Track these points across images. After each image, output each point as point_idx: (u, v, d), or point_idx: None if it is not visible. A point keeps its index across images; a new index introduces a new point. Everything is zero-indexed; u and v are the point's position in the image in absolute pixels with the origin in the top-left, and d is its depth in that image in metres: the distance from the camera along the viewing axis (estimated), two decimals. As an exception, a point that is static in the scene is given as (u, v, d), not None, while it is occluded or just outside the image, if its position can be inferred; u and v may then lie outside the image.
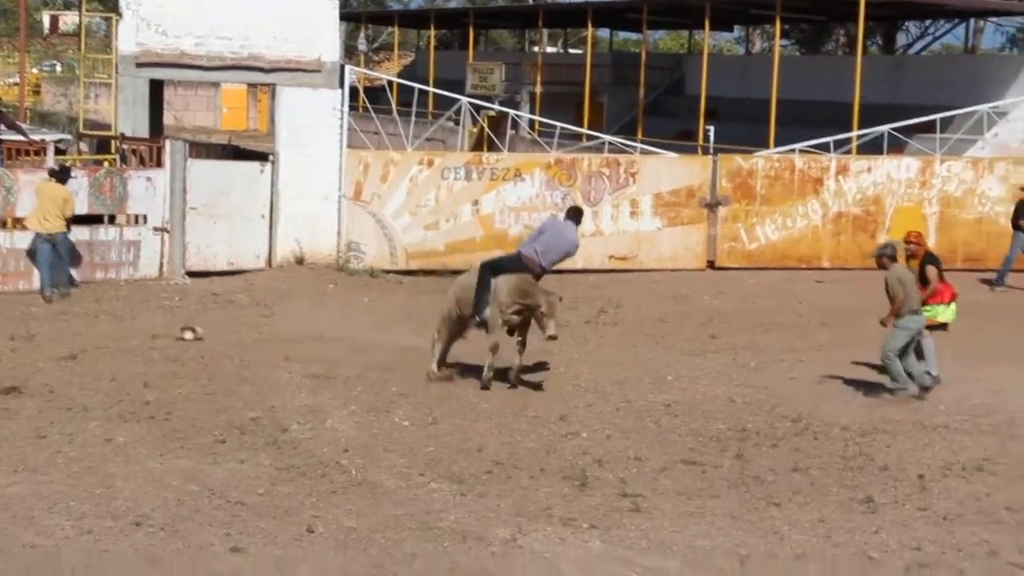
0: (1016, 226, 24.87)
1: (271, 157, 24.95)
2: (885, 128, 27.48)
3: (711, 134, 35.83)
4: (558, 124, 27.72)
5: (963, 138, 31.69)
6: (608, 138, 28.09)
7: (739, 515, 11.86)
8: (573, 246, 16.88)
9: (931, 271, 16.99)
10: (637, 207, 26.13)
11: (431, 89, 30.84)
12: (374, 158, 25.22)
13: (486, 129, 29.32)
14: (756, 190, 26.73)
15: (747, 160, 27.09)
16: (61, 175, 21.54)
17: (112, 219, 23.17)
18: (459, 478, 12.72)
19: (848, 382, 16.99)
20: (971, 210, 27.33)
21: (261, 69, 25.17)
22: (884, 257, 16.36)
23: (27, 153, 23.84)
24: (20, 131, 25.16)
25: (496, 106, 31.20)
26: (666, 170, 26.58)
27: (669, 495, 12.39)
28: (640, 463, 13.37)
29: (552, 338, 16.11)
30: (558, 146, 27.07)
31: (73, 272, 21.82)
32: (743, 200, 26.69)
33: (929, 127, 28.65)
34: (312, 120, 24.70)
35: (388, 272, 24.73)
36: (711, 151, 30.97)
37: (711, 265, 26.56)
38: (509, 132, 27.67)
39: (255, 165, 25.08)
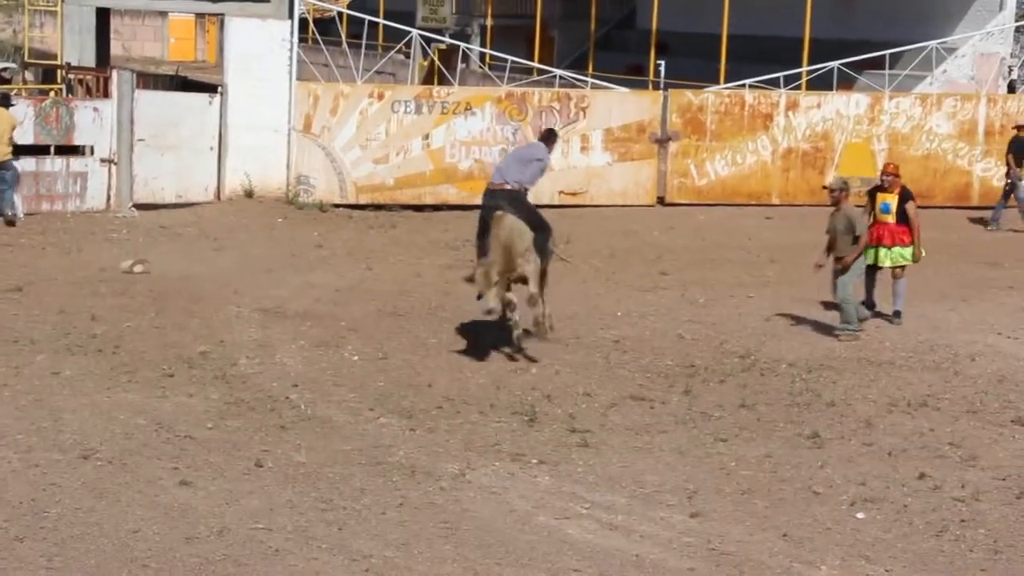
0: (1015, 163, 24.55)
1: (220, 89, 24.70)
2: (835, 64, 27.50)
3: (662, 69, 35.70)
4: (509, 58, 27.58)
5: (912, 74, 31.74)
6: (559, 72, 27.98)
7: (687, 451, 11.93)
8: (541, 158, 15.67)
9: (911, 207, 16.81)
10: (587, 142, 26.06)
11: (381, 21, 30.59)
12: (324, 91, 25.01)
13: (436, 62, 29.17)
14: (706, 126, 26.71)
15: (697, 95, 27.04)
16: (3, 100, 21.34)
17: (59, 150, 22.89)
18: (409, 413, 12.73)
19: (796, 319, 17.08)
20: (919, 147, 27.43)
21: (209, -1, 24.90)
22: (842, 193, 16.32)
23: (-28, 82, 23.54)
24: (-37, 59, 24.84)
25: (447, 39, 30.97)
26: (617, 105, 26.50)
27: (618, 431, 12.44)
28: (589, 399, 13.42)
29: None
30: (509, 80, 26.95)
31: (17, 201, 21.59)
32: (693, 136, 26.66)
33: (878, 63, 28.66)
34: (261, 51, 24.43)
35: (338, 206, 24.60)
36: (662, 86, 30.85)
37: (661, 201, 26.56)
38: (460, 66, 27.54)
39: (204, 97, 24.82)
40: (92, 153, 22.95)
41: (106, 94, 23.21)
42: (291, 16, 24.67)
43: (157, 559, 9.19)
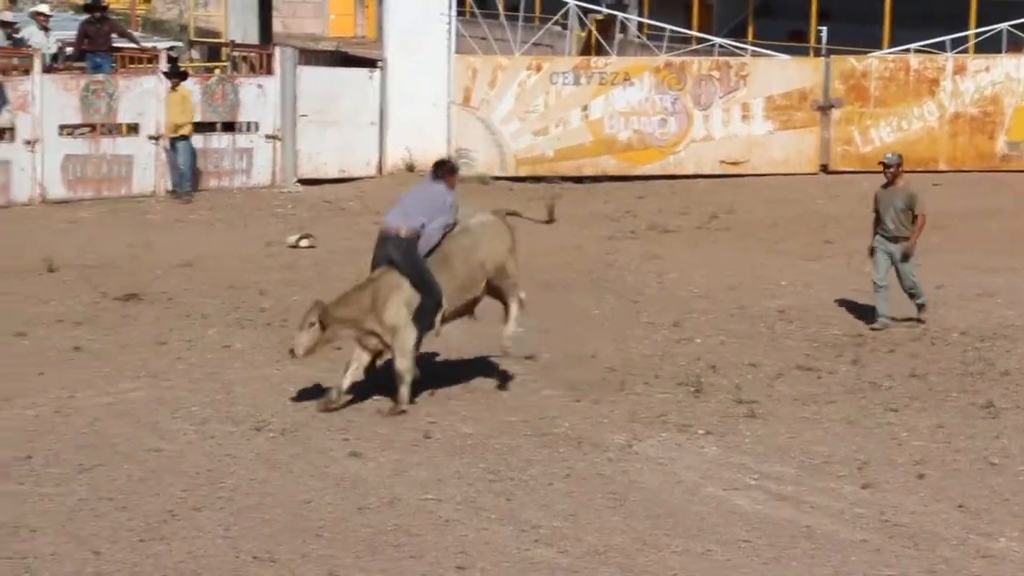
0: None
1: (379, 64, 24.88)
2: (1004, 26, 26.80)
3: (823, 35, 35.12)
4: (667, 27, 27.37)
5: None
6: (718, 40, 27.67)
7: (856, 421, 11.77)
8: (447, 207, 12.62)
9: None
10: (748, 111, 25.73)
11: (539, -8, 30.60)
12: (482, 63, 25.06)
13: (594, 33, 29.05)
14: (870, 92, 26.21)
15: (860, 61, 26.56)
16: (178, 75, 21.89)
17: (227, 127, 23.27)
18: (573, 385, 12.74)
19: (965, 286, 16.71)
20: (1092, 110, 26.63)
21: (369, -25, 25.08)
22: (899, 168, 15.23)
23: (139, 61, 23.97)
24: (131, 38, 25.28)
25: (604, 9, 30.80)
26: (778, 73, 26.13)
27: (785, 401, 12.32)
28: (755, 369, 13.30)
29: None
30: (667, 49, 26.73)
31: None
32: (857, 102, 26.18)
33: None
34: (420, 26, 24.53)
35: (498, 178, 24.65)
36: (823, 53, 30.35)
37: (824, 169, 26.15)
38: (618, 36, 27.36)
39: (364, 72, 25.02)
40: (257, 129, 23.30)
41: (269, 71, 23.51)
42: (450, -10, 24.73)
43: (330, 528, 9.33)
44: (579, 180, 24.76)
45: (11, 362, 12.86)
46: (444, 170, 12.92)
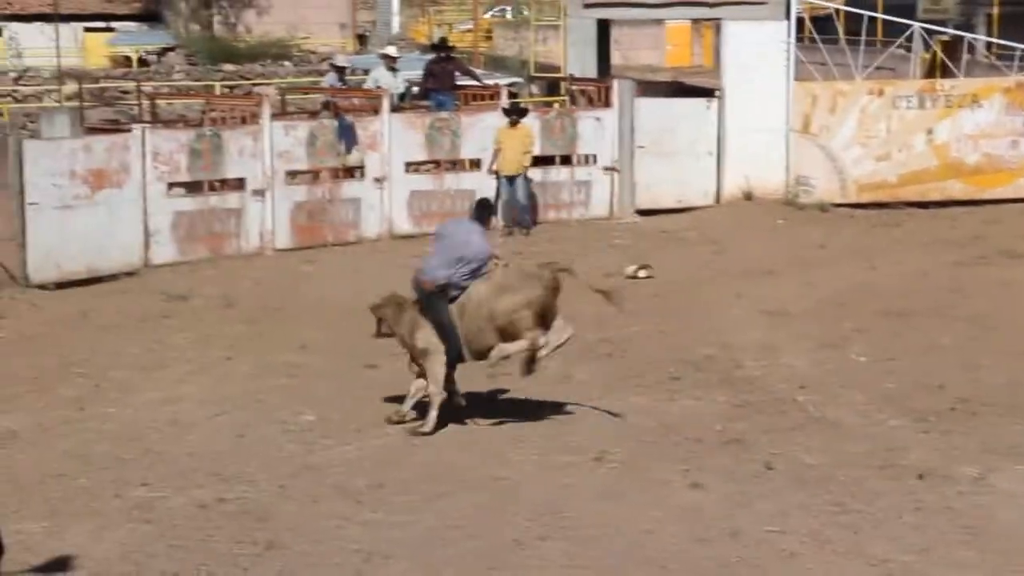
0: None
1: (717, 93, 24.85)
2: None
3: None
4: (1018, 46, 26.38)
5: None
6: (1072, 58, 26.49)
7: None
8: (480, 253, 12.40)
9: None
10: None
11: (880, 15, 29.93)
12: (822, 89, 24.71)
13: (939, 54, 28.26)
14: None
15: None
16: (518, 112, 22.15)
17: (565, 160, 23.61)
18: (920, 415, 12.39)
19: None
20: None
21: (706, 4, 25.09)
22: None
23: (481, 98, 24.56)
24: (474, 76, 25.97)
25: (950, 30, 29.93)
26: None
27: None
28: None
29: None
30: (1018, 69, 25.76)
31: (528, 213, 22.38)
32: None
33: None
34: (758, 53, 24.39)
35: (838, 205, 24.22)
36: None
37: None
38: (964, 56, 26.51)
39: (701, 101, 25.03)
40: (595, 162, 23.57)
41: (607, 104, 23.75)
42: (788, 16, 24.51)
43: (673, 560, 9.30)
44: (923, 205, 24.12)
45: (362, 393, 13.29)
46: (486, 212, 12.91)
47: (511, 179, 21.98)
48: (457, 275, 12.14)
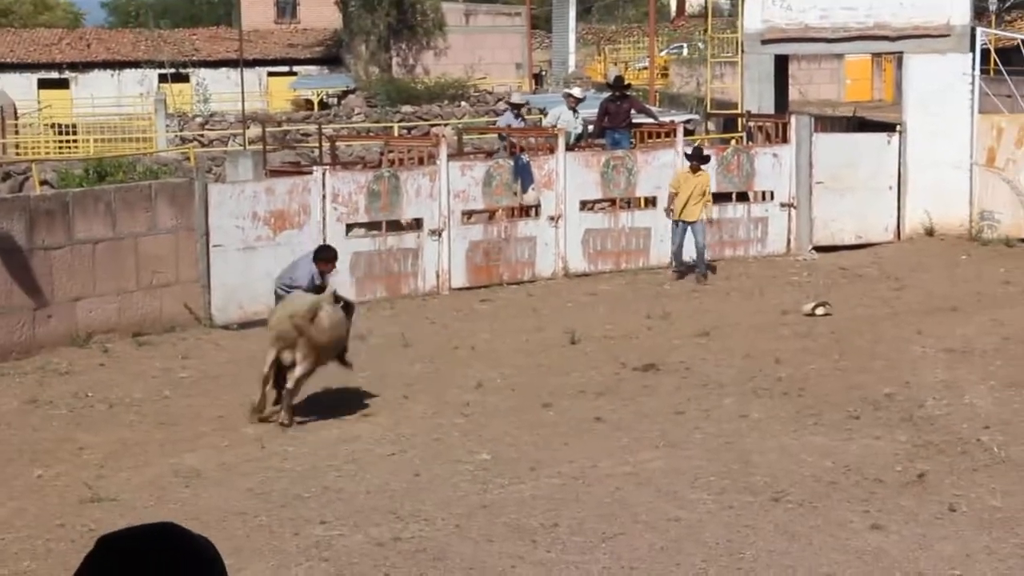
0: None
1: (898, 127, 24.52)
2: None
3: None
4: None
5: None
6: None
7: None
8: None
9: None
10: None
11: (1067, 45, 29.26)
12: (1008, 122, 24.23)
13: None
14: None
15: None
16: (700, 159, 21.68)
17: (741, 196, 23.49)
18: (1112, 457, 12.01)
19: None
20: None
21: (887, 38, 24.83)
22: None
23: (657, 135, 24.56)
24: (649, 114, 26.00)
25: None
26: None
27: None
28: None
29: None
30: None
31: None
32: None
33: None
34: (940, 86, 24.08)
35: (1024, 240, 23.72)
36: None
37: None
38: None
39: (881, 136, 24.75)
40: (772, 198, 23.39)
41: (784, 139, 23.60)
42: (972, 48, 24.12)
43: (851, 603, 9.15)
44: (1113, 240, 23.47)
45: (538, 432, 13.35)
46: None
47: (689, 224, 21.42)
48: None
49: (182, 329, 17.75)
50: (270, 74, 55.35)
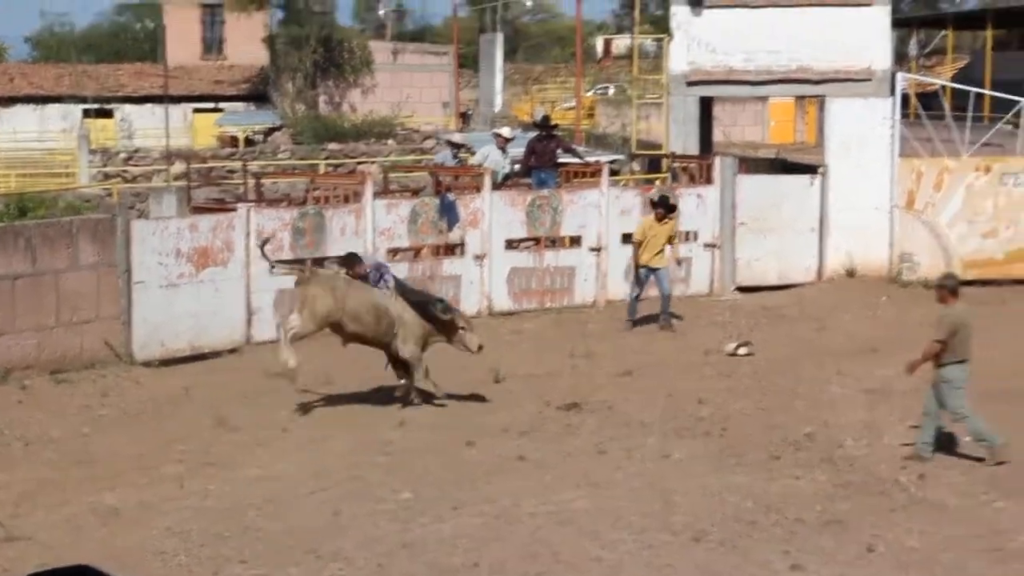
0: None
1: (820, 169, 24.81)
2: None
3: None
4: None
5: None
6: None
7: None
8: None
9: None
10: None
11: (988, 92, 29.76)
12: (927, 166, 24.58)
13: (1049, 130, 27.97)
14: None
15: None
16: (666, 207, 21.18)
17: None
18: (1026, 497, 12.17)
19: None
20: None
21: (809, 81, 25.17)
22: (944, 290, 13.75)
23: (583, 175, 24.70)
24: (575, 154, 26.14)
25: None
26: None
27: None
28: None
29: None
30: None
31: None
32: None
33: None
34: (862, 130, 24.39)
35: (943, 283, 23.98)
36: None
37: None
38: (1076, 132, 26.24)
39: (804, 178, 25.03)
40: (696, 239, 23.55)
41: (708, 180, 23.80)
42: (893, 93, 24.48)
43: (769, 642, 9.20)
44: (1031, 283, 23.83)
45: (460, 471, 13.34)
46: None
47: (654, 271, 20.99)
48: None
49: (102, 366, 17.57)
50: (196, 110, 55.11)
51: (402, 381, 16.10)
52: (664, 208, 21.18)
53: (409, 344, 15.94)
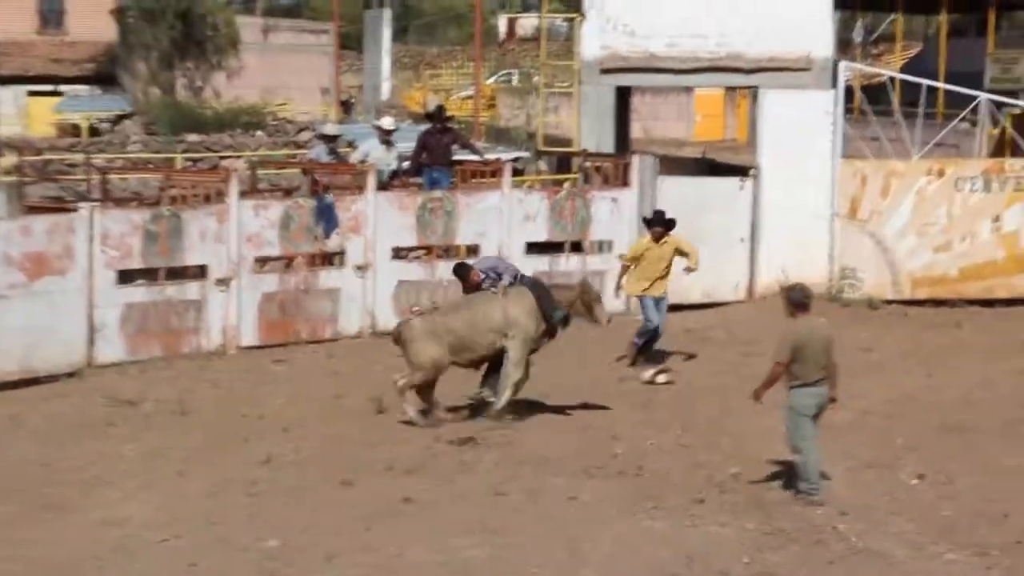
0: None
1: (752, 171, 25.03)
2: None
3: None
4: (1100, 121, 26.59)
5: None
6: None
7: None
8: None
9: None
10: None
11: (941, 85, 30.21)
12: (873, 169, 24.88)
13: (1009, 130, 28.49)
14: None
15: None
16: (663, 224, 20.45)
17: (575, 247, 23.69)
18: (982, 548, 12.39)
19: None
20: None
21: (740, 70, 25.35)
22: (792, 304, 13.92)
23: (482, 175, 24.72)
24: (474, 150, 26.14)
25: (1022, 102, 30.18)
26: None
27: None
28: None
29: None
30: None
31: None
32: None
33: None
34: (799, 126, 24.63)
35: (889, 302, 24.34)
36: None
37: None
38: (1040, 132, 26.71)
39: (734, 181, 25.22)
40: (610, 249, 23.64)
41: (625, 183, 23.91)
42: (834, 85, 24.75)
43: None
44: (988, 304, 24.25)
45: (336, 515, 13.30)
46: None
47: (658, 301, 20.49)
48: None
49: (-86, 391, 17.39)
50: (30, 93, 54.46)
51: (481, 392, 17.18)
52: (661, 225, 20.33)
53: (516, 345, 16.82)
